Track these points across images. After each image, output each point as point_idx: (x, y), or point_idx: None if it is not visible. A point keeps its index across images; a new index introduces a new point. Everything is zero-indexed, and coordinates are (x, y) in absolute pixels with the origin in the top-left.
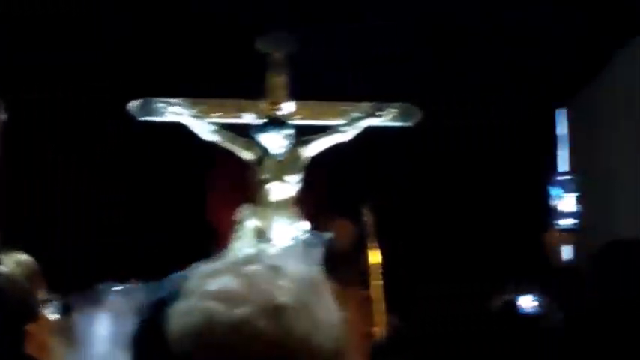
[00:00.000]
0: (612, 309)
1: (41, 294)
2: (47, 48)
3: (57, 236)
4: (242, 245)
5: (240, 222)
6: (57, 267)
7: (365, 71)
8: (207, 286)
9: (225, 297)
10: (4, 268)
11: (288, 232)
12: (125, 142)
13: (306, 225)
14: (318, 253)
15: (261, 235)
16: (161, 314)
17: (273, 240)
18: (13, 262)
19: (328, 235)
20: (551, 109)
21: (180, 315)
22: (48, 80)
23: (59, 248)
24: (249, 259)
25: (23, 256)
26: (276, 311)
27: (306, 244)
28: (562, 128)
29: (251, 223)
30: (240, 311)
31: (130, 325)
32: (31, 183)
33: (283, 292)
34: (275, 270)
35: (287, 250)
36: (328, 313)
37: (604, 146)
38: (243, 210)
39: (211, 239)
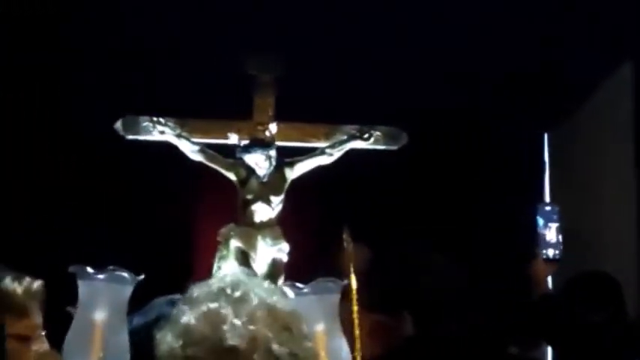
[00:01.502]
0: (580, 335)
1: (13, 327)
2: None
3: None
4: (226, 266)
5: (224, 243)
6: None
7: (352, 94)
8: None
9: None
10: None
11: (271, 253)
12: (112, 158)
13: (287, 246)
14: (336, 299)
15: (244, 255)
16: (147, 339)
17: (256, 261)
18: None
19: (345, 282)
20: (539, 134)
21: (166, 336)
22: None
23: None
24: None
25: (7, 281)
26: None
27: (323, 291)
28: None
29: (234, 244)
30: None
31: None
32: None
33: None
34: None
35: (303, 298)
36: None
37: (586, 174)
38: (226, 230)
39: (195, 260)
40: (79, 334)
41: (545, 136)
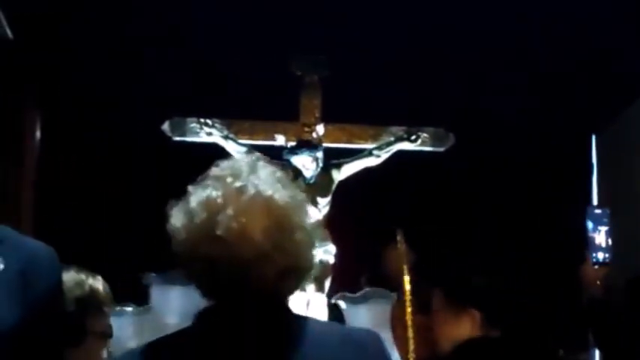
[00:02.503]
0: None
1: (96, 325)
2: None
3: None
4: None
5: None
6: None
7: (398, 95)
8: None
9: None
10: None
11: (317, 255)
12: (159, 160)
13: (334, 248)
14: (386, 308)
15: None
16: None
17: None
18: (72, 281)
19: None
20: (587, 136)
21: (176, 213)
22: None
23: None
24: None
25: (89, 279)
26: None
27: (373, 300)
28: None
29: None
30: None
31: None
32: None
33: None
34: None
35: (354, 306)
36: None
37: (635, 176)
38: None
39: None
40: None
41: (593, 137)
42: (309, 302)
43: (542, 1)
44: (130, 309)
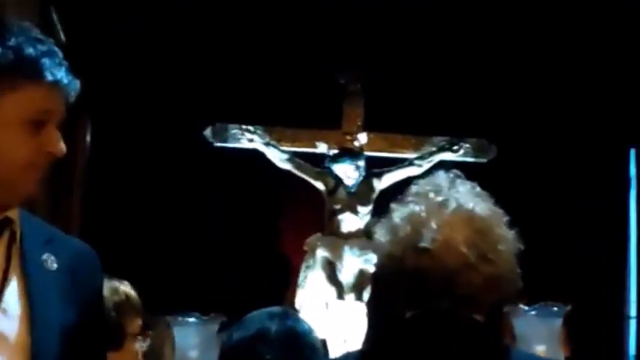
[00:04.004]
0: None
1: (132, 327)
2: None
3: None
4: (312, 276)
5: (310, 252)
6: None
7: (441, 105)
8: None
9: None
10: None
11: (357, 264)
12: (198, 168)
13: (374, 257)
14: (559, 323)
15: (330, 265)
16: (248, 355)
17: (342, 271)
18: (107, 288)
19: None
20: (625, 149)
21: (380, 231)
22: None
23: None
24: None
25: (121, 285)
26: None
27: (547, 314)
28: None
29: (321, 254)
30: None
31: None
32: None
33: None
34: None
35: (527, 319)
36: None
37: None
38: (313, 240)
39: (283, 268)
40: None
41: (632, 151)
42: (327, 304)
43: (584, 10)
44: (192, 319)
